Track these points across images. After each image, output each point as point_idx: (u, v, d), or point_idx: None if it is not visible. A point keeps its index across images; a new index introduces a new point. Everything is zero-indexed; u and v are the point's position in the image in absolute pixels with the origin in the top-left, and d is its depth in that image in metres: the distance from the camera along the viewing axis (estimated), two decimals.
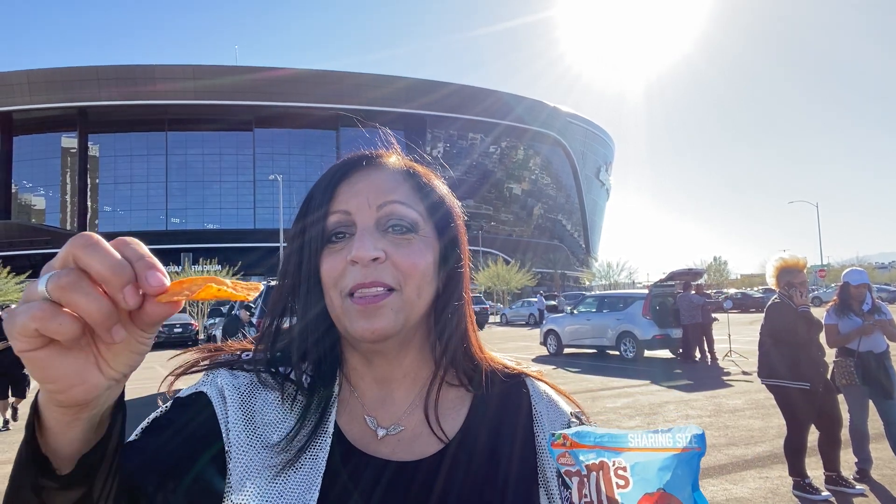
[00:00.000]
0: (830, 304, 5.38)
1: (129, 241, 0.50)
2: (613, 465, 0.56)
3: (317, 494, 0.69)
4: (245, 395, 0.75)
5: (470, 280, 0.87)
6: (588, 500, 0.57)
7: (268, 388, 0.77)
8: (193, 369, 0.79)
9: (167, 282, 0.49)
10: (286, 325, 0.82)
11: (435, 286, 0.79)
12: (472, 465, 0.76)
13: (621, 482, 0.55)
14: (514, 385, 0.86)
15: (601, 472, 0.56)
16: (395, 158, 0.85)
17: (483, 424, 0.80)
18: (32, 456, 0.53)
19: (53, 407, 0.51)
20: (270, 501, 0.68)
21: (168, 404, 0.75)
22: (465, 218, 0.86)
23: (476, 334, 0.86)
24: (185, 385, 0.79)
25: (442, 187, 0.85)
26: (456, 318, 0.82)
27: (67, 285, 0.46)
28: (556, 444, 0.62)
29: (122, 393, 0.57)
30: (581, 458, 0.59)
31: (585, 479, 0.58)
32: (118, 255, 0.48)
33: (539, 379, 0.89)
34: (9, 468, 0.47)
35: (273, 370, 0.79)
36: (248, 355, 0.82)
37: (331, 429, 0.75)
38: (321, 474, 0.71)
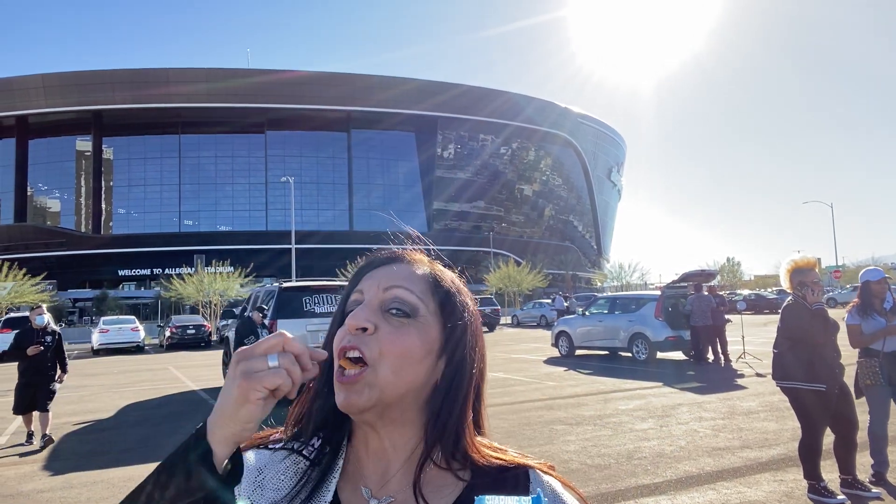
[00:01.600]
0: (851, 305, 5.32)
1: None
2: None
3: None
4: (259, 471, 0.85)
5: (483, 377, 0.91)
6: None
7: (281, 461, 0.86)
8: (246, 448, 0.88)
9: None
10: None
11: (430, 374, 0.84)
12: None
13: None
14: (513, 477, 0.85)
15: None
16: (419, 256, 0.93)
17: None
18: (208, 467, 0.69)
19: (232, 443, 0.71)
20: None
21: None
22: (484, 329, 0.86)
23: (471, 430, 0.87)
24: None
25: (460, 287, 0.92)
26: (448, 408, 0.84)
27: (292, 363, 0.71)
28: None
29: None
30: None
31: None
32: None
33: (546, 472, 0.87)
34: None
35: (291, 446, 0.87)
36: (276, 435, 0.91)
37: (329, 497, 0.81)
38: None
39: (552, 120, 78.01)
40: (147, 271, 63.25)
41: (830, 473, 5.08)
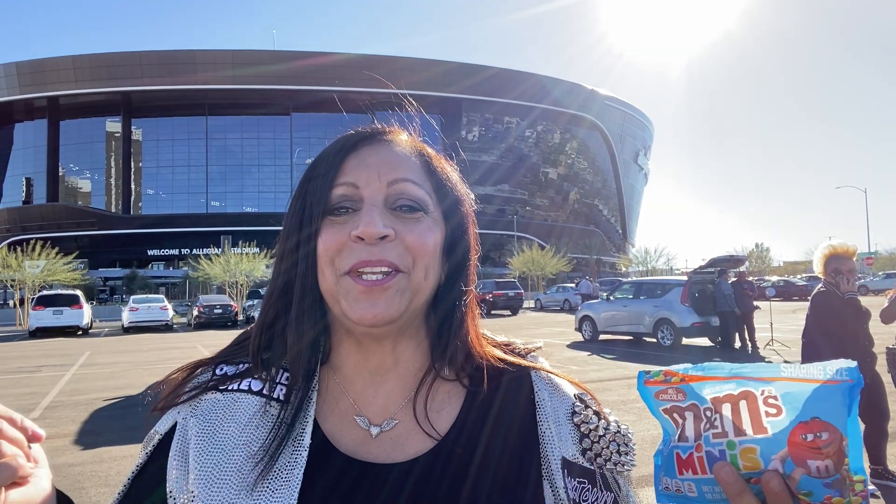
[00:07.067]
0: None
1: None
2: (762, 393, 0.55)
3: None
4: (216, 420, 0.71)
5: (476, 273, 0.82)
6: (717, 431, 0.55)
7: (243, 403, 0.72)
8: (179, 400, 0.74)
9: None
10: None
11: (439, 272, 0.76)
12: (468, 462, 0.71)
13: (772, 410, 0.54)
14: (516, 377, 0.80)
15: (745, 402, 0.55)
16: (405, 136, 0.81)
17: (478, 419, 0.75)
18: None
19: None
20: None
21: (148, 449, 0.76)
22: (476, 207, 0.84)
23: (476, 328, 0.80)
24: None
25: (453, 173, 0.82)
26: (458, 309, 0.77)
27: None
28: (654, 382, 0.60)
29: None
30: (706, 390, 0.57)
31: (710, 412, 0.57)
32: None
33: (541, 368, 0.82)
34: None
35: (248, 386, 0.74)
36: (220, 369, 0.78)
37: (307, 440, 0.69)
38: (297, 490, 0.66)
39: (579, 102, 77.08)
40: (175, 251, 64.29)
41: None
